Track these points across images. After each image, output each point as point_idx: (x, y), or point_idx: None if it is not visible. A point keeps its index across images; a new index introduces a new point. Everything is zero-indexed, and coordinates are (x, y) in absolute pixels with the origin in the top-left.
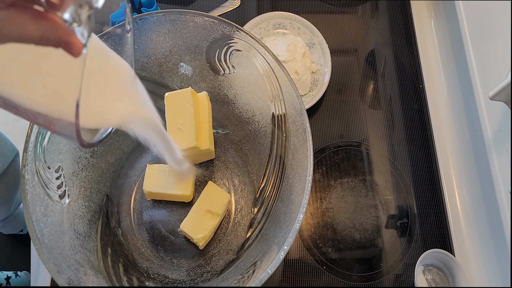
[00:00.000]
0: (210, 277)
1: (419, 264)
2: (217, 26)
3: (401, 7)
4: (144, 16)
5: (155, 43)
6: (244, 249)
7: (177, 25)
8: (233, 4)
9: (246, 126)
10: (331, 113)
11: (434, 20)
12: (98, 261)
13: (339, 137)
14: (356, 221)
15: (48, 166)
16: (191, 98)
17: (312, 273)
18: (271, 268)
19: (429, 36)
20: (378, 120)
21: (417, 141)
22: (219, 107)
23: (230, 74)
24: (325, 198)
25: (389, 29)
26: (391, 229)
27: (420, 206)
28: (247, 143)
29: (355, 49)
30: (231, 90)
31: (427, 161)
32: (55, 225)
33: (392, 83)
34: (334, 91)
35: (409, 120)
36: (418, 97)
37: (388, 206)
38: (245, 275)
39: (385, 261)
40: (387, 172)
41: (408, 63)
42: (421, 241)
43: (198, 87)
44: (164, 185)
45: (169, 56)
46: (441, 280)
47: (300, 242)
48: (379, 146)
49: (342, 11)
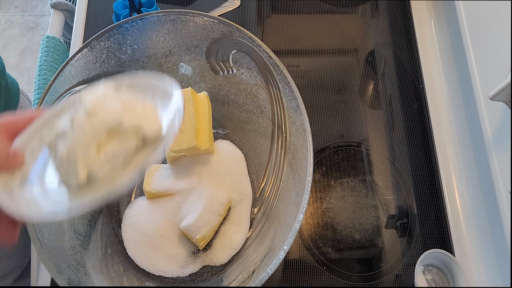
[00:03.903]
0: (210, 277)
1: (419, 264)
2: (217, 26)
3: (401, 7)
4: (144, 16)
5: (155, 43)
6: (244, 249)
7: (177, 25)
8: (233, 4)
9: (246, 126)
10: (331, 113)
11: (434, 20)
12: (98, 261)
13: (339, 137)
14: (356, 221)
15: None
16: (191, 98)
17: (312, 273)
18: (271, 268)
19: (429, 36)
20: (378, 120)
21: (417, 141)
22: (219, 107)
23: (230, 74)
24: (325, 198)
25: (389, 29)
26: (391, 229)
27: (420, 206)
28: (247, 143)
29: (355, 49)
30: (231, 90)
31: (427, 161)
32: (55, 225)
33: (392, 83)
34: (334, 91)
35: (409, 120)
36: (418, 97)
37: (388, 206)
38: (245, 275)
39: (385, 261)
40: (387, 172)
41: (408, 63)
42: (421, 241)
43: (198, 87)
44: (164, 185)
45: (169, 56)
46: (441, 280)
47: (300, 242)
48: (379, 146)
49: (342, 11)
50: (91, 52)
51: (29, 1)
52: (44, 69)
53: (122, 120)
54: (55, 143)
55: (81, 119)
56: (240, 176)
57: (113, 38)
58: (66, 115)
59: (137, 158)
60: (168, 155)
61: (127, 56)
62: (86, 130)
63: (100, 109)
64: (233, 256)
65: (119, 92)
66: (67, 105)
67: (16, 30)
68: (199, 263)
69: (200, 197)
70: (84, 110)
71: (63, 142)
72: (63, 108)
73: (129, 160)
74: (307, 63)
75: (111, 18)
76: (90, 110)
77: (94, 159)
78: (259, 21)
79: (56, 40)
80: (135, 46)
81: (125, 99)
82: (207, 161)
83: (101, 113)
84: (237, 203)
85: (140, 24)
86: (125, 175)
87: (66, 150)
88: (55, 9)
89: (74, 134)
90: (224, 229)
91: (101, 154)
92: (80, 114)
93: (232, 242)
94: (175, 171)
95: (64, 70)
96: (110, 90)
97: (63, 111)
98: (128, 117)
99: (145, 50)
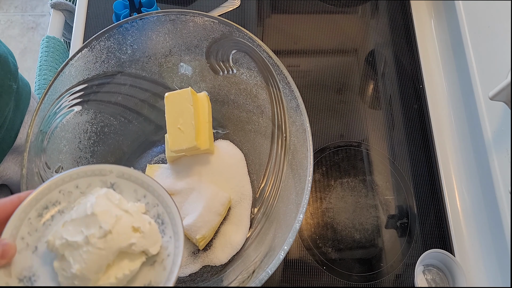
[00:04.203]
0: (210, 277)
1: (419, 264)
2: (217, 26)
3: (401, 7)
4: (144, 16)
5: (155, 43)
6: (244, 249)
7: (177, 25)
8: (233, 4)
9: (246, 126)
10: (331, 113)
11: (434, 20)
12: None
13: (339, 137)
14: (356, 221)
15: (48, 166)
16: (191, 98)
17: (312, 273)
18: (271, 268)
19: (429, 36)
20: (378, 120)
21: (417, 141)
22: (219, 107)
23: (230, 74)
24: (325, 198)
25: (389, 29)
26: (391, 229)
27: (420, 206)
28: (247, 143)
29: (355, 49)
30: (231, 90)
31: (427, 161)
32: None
33: (392, 83)
34: (334, 91)
35: (409, 120)
36: (418, 97)
37: (388, 206)
38: (245, 275)
39: (385, 261)
40: (387, 172)
41: (408, 63)
42: (421, 241)
43: (198, 87)
44: (164, 185)
45: (169, 56)
46: (441, 280)
47: (300, 242)
48: (379, 146)
49: (342, 11)
50: (91, 52)
51: (29, 1)
52: (44, 69)
53: (134, 242)
54: (64, 252)
55: (97, 236)
56: (240, 176)
57: (113, 38)
58: (74, 211)
59: (142, 276)
60: (168, 155)
61: (127, 56)
62: (101, 249)
63: (115, 230)
64: (233, 256)
65: (125, 204)
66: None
67: (16, 30)
68: (199, 263)
69: (200, 197)
70: (102, 228)
71: (75, 256)
72: (51, 196)
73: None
74: (307, 63)
75: (111, 18)
76: (107, 230)
77: (105, 279)
78: (259, 21)
79: (56, 40)
80: (135, 46)
81: (134, 214)
82: (207, 161)
83: (116, 234)
84: (237, 203)
85: (140, 24)
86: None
87: (80, 267)
88: (55, 9)
89: (89, 251)
90: (224, 229)
91: (111, 275)
92: (97, 232)
93: (232, 242)
94: (175, 171)
95: (64, 70)
96: (118, 202)
97: (54, 199)
98: (139, 238)
99: (145, 50)
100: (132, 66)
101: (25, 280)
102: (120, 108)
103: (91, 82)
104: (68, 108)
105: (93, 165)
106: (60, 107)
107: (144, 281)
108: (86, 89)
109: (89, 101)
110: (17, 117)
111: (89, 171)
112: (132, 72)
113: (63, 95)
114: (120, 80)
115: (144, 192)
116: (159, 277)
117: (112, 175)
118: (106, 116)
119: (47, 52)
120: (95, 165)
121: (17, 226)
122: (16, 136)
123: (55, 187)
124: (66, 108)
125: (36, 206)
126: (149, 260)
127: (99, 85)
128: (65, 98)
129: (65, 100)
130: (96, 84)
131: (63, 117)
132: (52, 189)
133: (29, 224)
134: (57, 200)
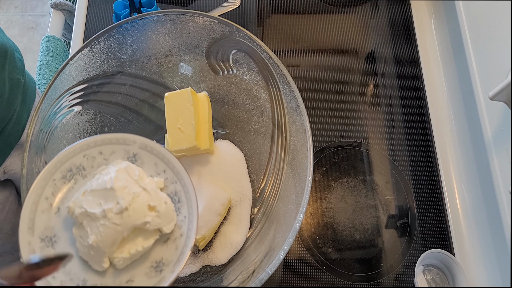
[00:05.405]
0: (210, 277)
1: (419, 264)
2: (217, 26)
3: (401, 7)
4: (144, 16)
5: (155, 43)
6: (244, 249)
7: (177, 25)
8: (233, 4)
9: (246, 126)
10: (331, 113)
11: (434, 20)
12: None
13: (339, 137)
14: (356, 221)
15: None
16: (191, 98)
17: (312, 273)
18: (271, 268)
19: (429, 36)
20: (378, 120)
21: (417, 141)
22: (219, 107)
23: (230, 74)
24: (325, 198)
25: (389, 29)
26: (391, 229)
27: (420, 206)
28: (247, 143)
29: (355, 49)
30: (231, 90)
31: (427, 161)
32: None
33: (392, 83)
34: (334, 91)
35: (409, 120)
36: (418, 97)
37: (388, 206)
38: (245, 275)
39: (385, 261)
40: (387, 172)
41: (408, 63)
42: (421, 241)
43: (198, 87)
44: None
45: (169, 56)
46: (441, 280)
47: (300, 242)
48: (379, 146)
49: (342, 11)
50: (91, 52)
51: (29, 1)
52: (44, 68)
53: (148, 221)
54: (82, 220)
55: (114, 212)
56: (240, 176)
57: (113, 38)
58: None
59: (154, 253)
60: None
61: (127, 56)
62: (117, 225)
63: (132, 207)
64: (233, 256)
65: (144, 180)
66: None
67: (16, 30)
68: (199, 263)
69: (200, 197)
70: (119, 204)
71: (92, 227)
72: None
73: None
74: (307, 63)
75: (111, 18)
76: (123, 207)
77: (119, 252)
78: (259, 21)
79: (56, 40)
80: (135, 46)
81: (152, 192)
82: (207, 161)
83: (132, 211)
84: (237, 203)
85: (140, 24)
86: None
87: (96, 239)
88: (55, 9)
89: (105, 225)
90: (224, 229)
91: (125, 249)
92: (114, 207)
93: (232, 242)
94: None
95: (64, 69)
96: (138, 178)
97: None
98: (154, 217)
99: (145, 50)
100: (132, 66)
101: (46, 240)
102: (120, 108)
103: (91, 82)
104: (68, 108)
105: (117, 133)
106: (60, 107)
107: (157, 257)
108: (86, 89)
109: (89, 101)
110: (24, 112)
111: (113, 138)
112: (132, 72)
113: (63, 95)
114: (120, 80)
115: (164, 167)
116: (171, 256)
117: (135, 145)
118: (106, 116)
119: (47, 51)
120: (119, 134)
121: (42, 186)
122: (23, 131)
123: (79, 151)
124: (66, 108)
125: (60, 168)
126: (163, 237)
127: (99, 85)
128: (65, 98)
129: (65, 100)
130: (96, 84)
131: (63, 117)
132: (77, 153)
133: (54, 185)
134: (81, 164)
